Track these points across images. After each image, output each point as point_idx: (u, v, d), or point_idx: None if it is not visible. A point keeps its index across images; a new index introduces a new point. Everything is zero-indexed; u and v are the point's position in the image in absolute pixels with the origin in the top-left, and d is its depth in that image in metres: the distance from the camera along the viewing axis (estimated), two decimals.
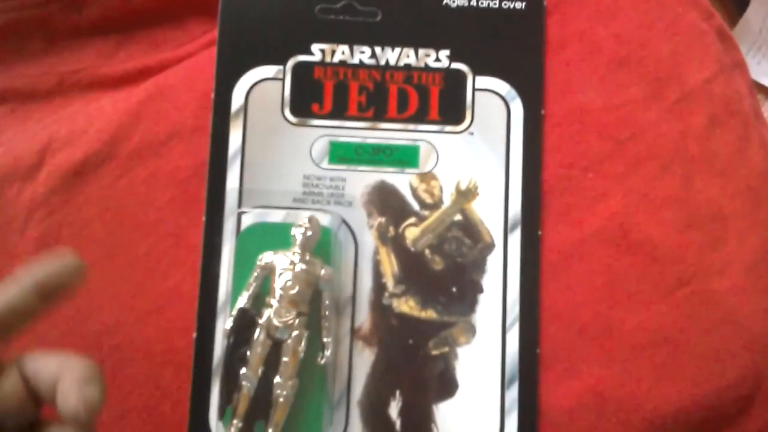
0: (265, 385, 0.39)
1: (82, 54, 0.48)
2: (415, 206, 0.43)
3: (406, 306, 0.42)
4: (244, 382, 0.39)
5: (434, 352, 0.42)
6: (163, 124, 0.45)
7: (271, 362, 0.40)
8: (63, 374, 0.28)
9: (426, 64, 0.44)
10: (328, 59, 0.44)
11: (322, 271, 0.40)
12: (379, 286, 0.42)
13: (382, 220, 0.43)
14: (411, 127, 0.44)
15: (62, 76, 0.47)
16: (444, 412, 0.41)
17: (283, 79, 0.44)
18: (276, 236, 0.42)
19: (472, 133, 0.44)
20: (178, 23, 0.48)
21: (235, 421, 0.39)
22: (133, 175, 0.44)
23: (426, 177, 0.43)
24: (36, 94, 0.47)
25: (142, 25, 0.48)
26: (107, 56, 0.48)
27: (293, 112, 0.44)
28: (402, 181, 0.43)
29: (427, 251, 0.43)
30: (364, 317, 0.42)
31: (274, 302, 0.40)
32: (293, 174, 0.43)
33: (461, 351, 0.42)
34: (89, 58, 0.48)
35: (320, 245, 0.41)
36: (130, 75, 0.47)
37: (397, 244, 0.43)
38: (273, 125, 0.43)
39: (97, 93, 0.47)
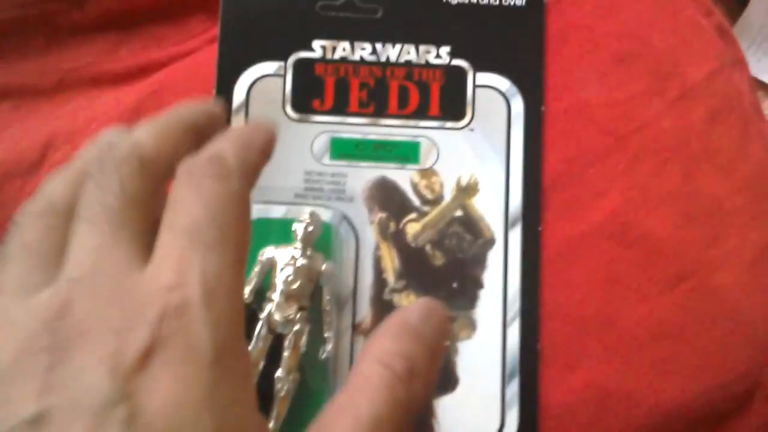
0: (266, 379, 0.40)
1: (83, 51, 0.48)
2: (416, 202, 0.43)
3: (407, 301, 0.42)
4: None
5: None
6: None
7: (273, 356, 0.40)
8: None
9: (426, 61, 0.44)
10: (329, 56, 0.44)
11: (324, 266, 0.41)
12: (380, 282, 0.42)
13: (383, 215, 0.43)
14: (412, 123, 0.44)
15: (64, 73, 0.47)
16: (444, 406, 0.41)
17: (284, 76, 0.44)
18: (277, 231, 0.42)
19: (472, 130, 0.44)
20: (180, 20, 0.48)
21: None
22: None
23: (427, 173, 0.43)
24: (38, 90, 0.48)
25: (144, 21, 0.48)
26: (108, 53, 0.48)
27: (294, 108, 0.44)
28: (403, 177, 0.43)
29: (427, 247, 0.43)
30: (365, 312, 0.42)
31: (275, 297, 0.40)
32: (294, 170, 0.43)
33: (462, 346, 0.42)
34: (91, 55, 0.48)
35: (321, 240, 0.41)
36: (131, 72, 0.47)
37: (398, 239, 0.43)
38: (274, 121, 0.43)
39: (99, 90, 0.47)
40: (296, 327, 0.40)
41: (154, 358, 0.20)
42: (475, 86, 0.44)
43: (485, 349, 0.42)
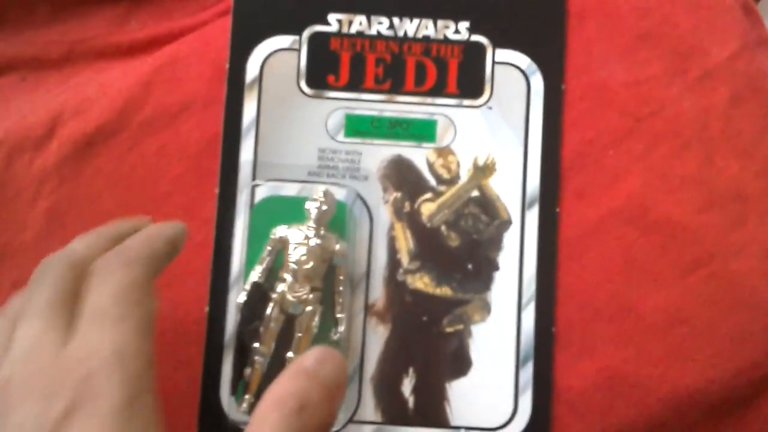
0: (277, 361, 0.39)
1: (91, 21, 0.47)
2: (432, 181, 0.42)
3: (421, 282, 0.42)
4: (256, 357, 0.39)
5: (448, 330, 0.41)
6: (176, 94, 0.44)
7: (284, 337, 0.39)
8: None
9: (445, 36, 0.43)
10: (345, 30, 0.43)
11: (337, 246, 0.40)
12: (393, 262, 0.42)
13: (398, 195, 0.42)
14: (428, 100, 0.43)
15: (72, 44, 0.46)
16: (457, 390, 0.41)
17: (298, 50, 0.43)
18: (290, 210, 0.41)
19: (490, 108, 0.43)
20: None
21: (247, 397, 0.39)
22: (145, 146, 0.44)
23: (443, 152, 0.43)
24: (46, 62, 0.47)
25: None
26: (118, 24, 0.47)
27: (309, 83, 0.43)
28: (419, 155, 0.42)
29: (443, 227, 0.42)
30: (378, 293, 0.41)
31: (287, 277, 0.39)
32: (308, 147, 0.42)
33: (476, 329, 0.41)
34: (99, 26, 0.47)
35: (335, 220, 0.41)
36: (141, 44, 0.46)
37: (412, 219, 0.42)
38: (288, 97, 0.43)
39: (108, 62, 0.46)
40: (309, 308, 0.39)
41: (74, 414, 0.26)
42: (494, 63, 0.43)
43: (499, 333, 0.41)
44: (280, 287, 0.39)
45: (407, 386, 0.41)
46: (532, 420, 0.40)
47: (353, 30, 0.43)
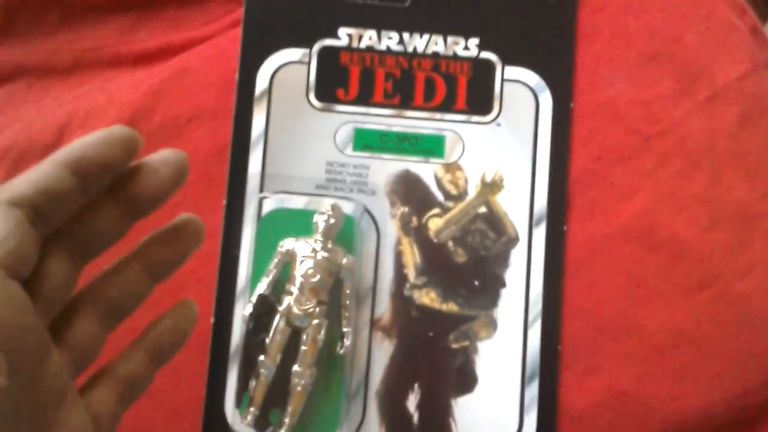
0: (282, 374, 0.39)
1: (100, 30, 0.47)
2: (440, 197, 0.42)
3: (427, 298, 0.41)
4: (261, 370, 0.39)
5: (454, 346, 0.41)
6: (184, 105, 0.44)
7: (290, 350, 0.39)
8: None
9: (454, 53, 0.43)
10: (354, 44, 0.43)
11: (344, 260, 0.40)
12: (400, 277, 0.42)
13: (406, 209, 0.42)
14: (437, 116, 0.43)
15: (80, 53, 0.47)
16: (462, 406, 0.41)
17: (308, 63, 0.43)
18: (297, 222, 0.41)
19: (499, 124, 0.43)
20: (200, 2, 0.47)
21: (251, 409, 0.39)
22: None
23: (451, 167, 0.43)
24: (53, 70, 0.47)
25: (163, 2, 0.47)
26: (127, 33, 0.47)
27: (318, 97, 0.43)
28: (427, 170, 0.42)
29: (450, 243, 0.42)
30: (384, 308, 0.41)
31: (294, 290, 0.39)
32: (316, 160, 0.42)
33: (482, 345, 0.41)
34: (108, 35, 0.47)
35: (342, 234, 0.41)
36: (150, 54, 0.46)
37: (419, 234, 0.42)
38: (297, 110, 0.43)
39: (117, 71, 0.46)
40: (315, 321, 0.39)
41: None
42: (503, 80, 0.43)
43: (506, 350, 0.41)
44: (287, 300, 0.39)
45: (412, 402, 0.41)
46: None
47: (363, 44, 0.43)
